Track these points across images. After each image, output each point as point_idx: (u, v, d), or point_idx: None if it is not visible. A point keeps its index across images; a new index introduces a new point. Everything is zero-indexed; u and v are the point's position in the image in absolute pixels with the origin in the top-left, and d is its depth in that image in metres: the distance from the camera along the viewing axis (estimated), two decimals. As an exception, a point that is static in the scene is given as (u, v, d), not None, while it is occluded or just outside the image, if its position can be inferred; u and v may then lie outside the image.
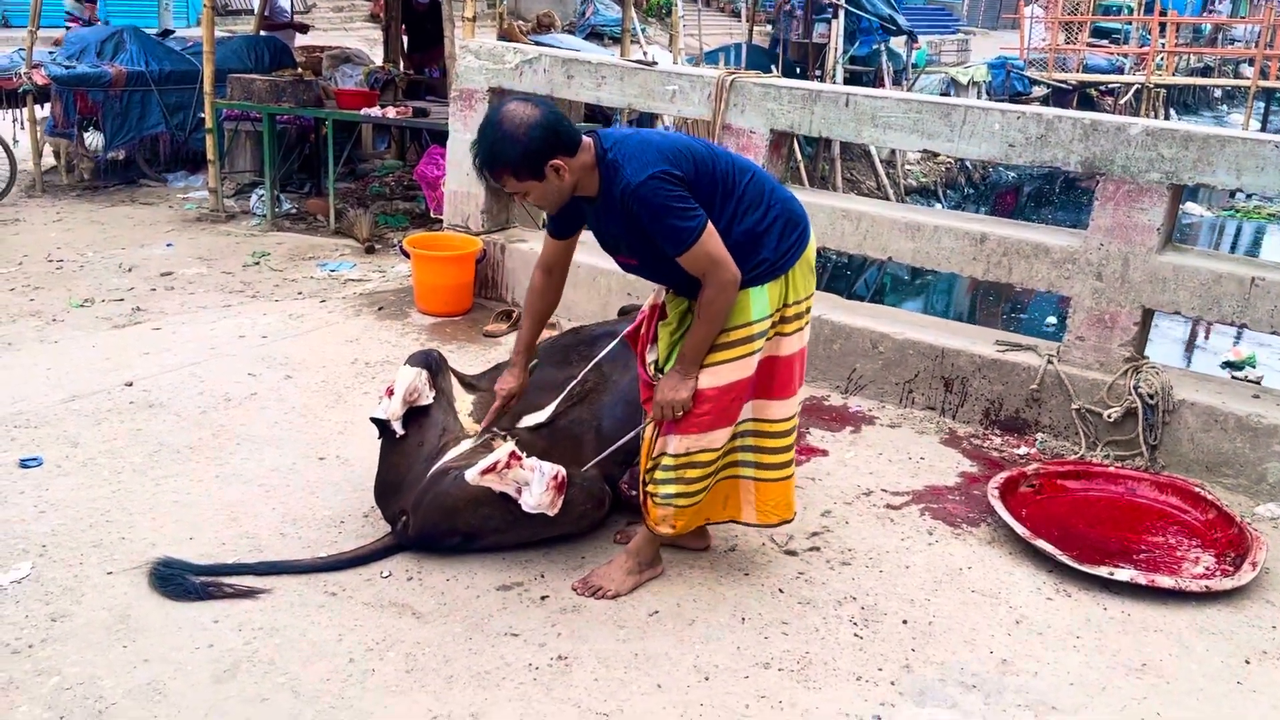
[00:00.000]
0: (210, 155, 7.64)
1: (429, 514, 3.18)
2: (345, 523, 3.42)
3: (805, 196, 4.99)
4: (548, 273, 3.19)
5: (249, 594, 2.98)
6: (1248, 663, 2.97)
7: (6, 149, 7.84)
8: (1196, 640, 3.05)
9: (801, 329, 3.01)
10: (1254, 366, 7.85)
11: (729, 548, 3.41)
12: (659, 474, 3.00)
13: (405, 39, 9.69)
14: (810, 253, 2.99)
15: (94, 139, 8.19)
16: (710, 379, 2.91)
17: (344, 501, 3.55)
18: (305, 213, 7.98)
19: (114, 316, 5.43)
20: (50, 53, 8.67)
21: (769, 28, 16.68)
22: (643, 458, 3.10)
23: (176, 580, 2.98)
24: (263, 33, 9.49)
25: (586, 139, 2.79)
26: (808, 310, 3.02)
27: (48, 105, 8.31)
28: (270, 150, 7.56)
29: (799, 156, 11.99)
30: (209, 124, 7.57)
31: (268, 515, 3.43)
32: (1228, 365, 7.82)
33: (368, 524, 3.40)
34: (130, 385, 4.38)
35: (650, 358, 3.11)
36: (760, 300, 2.88)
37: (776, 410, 3.04)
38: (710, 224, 2.74)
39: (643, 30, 12.89)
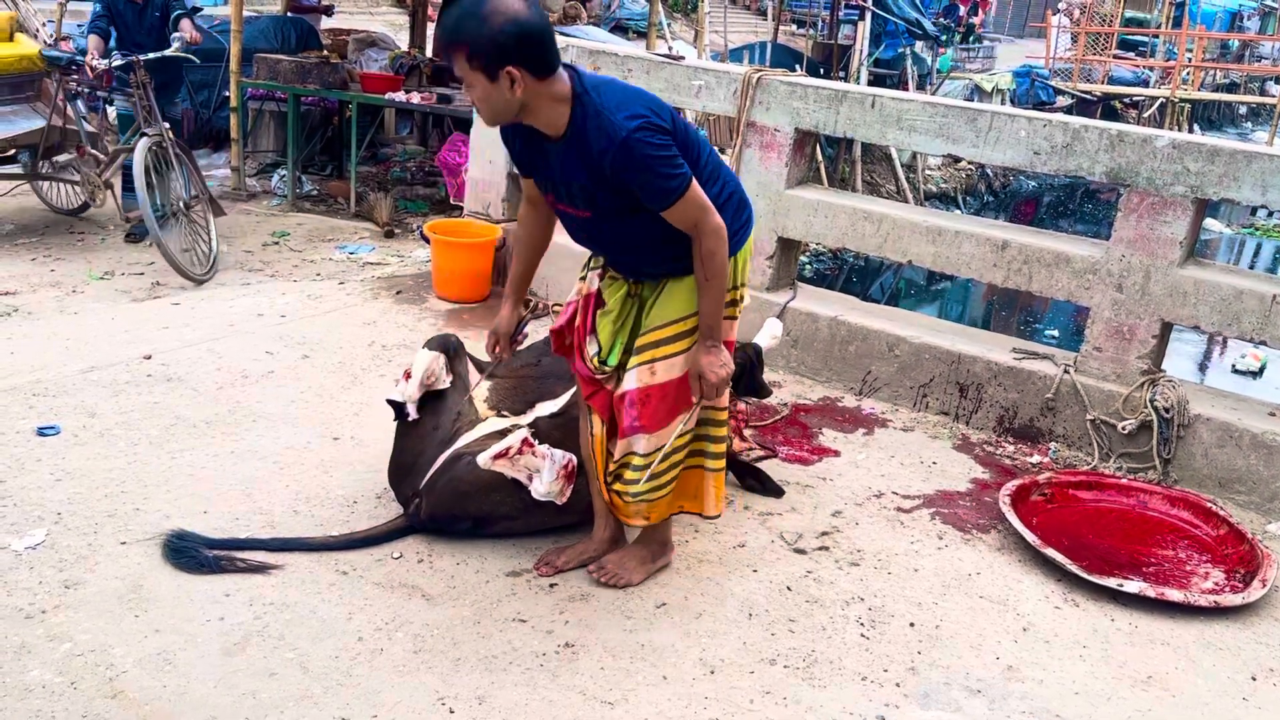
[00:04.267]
0: (234, 134, 7.67)
1: (441, 498, 3.19)
2: (358, 503, 3.44)
3: (827, 196, 4.99)
4: (533, 206, 3.03)
5: (261, 569, 3.00)
6: (1254, 679, 2.96)
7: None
8: (1203, 655, 3.05)
9: (737, 316, 2.92)
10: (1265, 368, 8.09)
11: (738, 544, 3.42)
12: (629, 474, 2.91)
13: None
14: (751, 240, 2.94)
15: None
16: (666, 372, 2.82)
17: (357, 482, 3.56)
18: (326, 195, 8.01)
19: (133, 290, 5.46)
20: (79, 25, 8.70)
21: (794, 27, 16.63)
22: (598, 459, 3.02)
23: (189, 553, 3.00)
24: (290, 14, 9.52)
25: (564, 73, 2.56)
26: (744, 297, 2.95)
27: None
28: (294, 131, 7.58)
29: (820, 157, 11.98)
30: (234, 103, 7.61)
31: (282, 492, 3.46)
32: (1238, 371, 8.03)
33: (380, 505, 3.42)
34: (149, 358, 4.40)
35: (591, 350, 2.96)
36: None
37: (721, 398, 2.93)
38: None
39: (668, 25, 12.87)
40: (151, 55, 5.89)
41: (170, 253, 5.57)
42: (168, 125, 5.91)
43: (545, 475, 3.12)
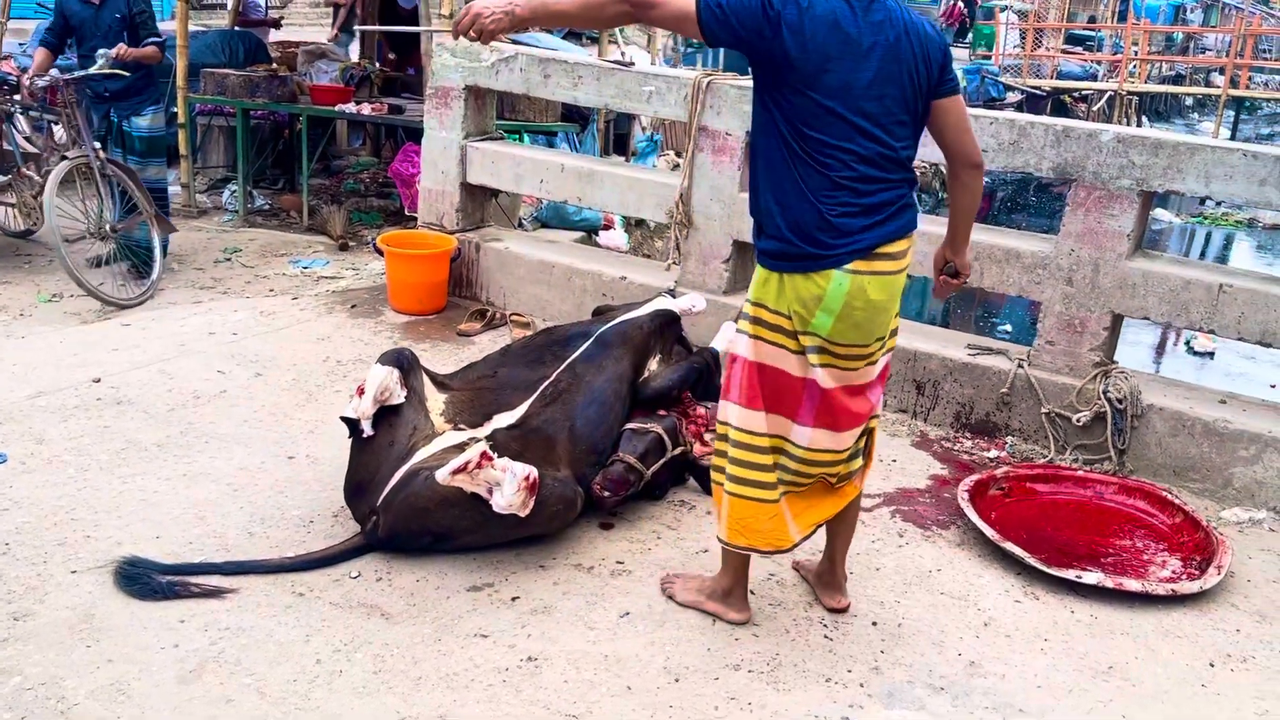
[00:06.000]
0: (183, 150, 7.56)
1: (399, 514, 3.16)
2: (314, 522, 3.39)
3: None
4: None
5: (216, 594, 2.95)
6: (1212, 665, 3.00)
7: None
8: (1162, 643, 3.08)
9: (760, 336, 2.75)
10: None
11: (700, 549, 3.41)
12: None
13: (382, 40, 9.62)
14: (810, 288, 2.66)
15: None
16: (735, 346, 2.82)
17: (313, 501, 3.52)
18: (278, 209, 7.92)
19: (82, 312, 5.36)
20: (21, 45, 8.56)
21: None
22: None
23: (142, 579, 2.95)
24: (237, 28, 9.42)
25: None
26: (766, 321, 2.74)
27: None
28: (244, 146, 7.49)
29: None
30: (182, 118, 7.50)
31: (236, 514, 3.40)
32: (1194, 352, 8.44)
33: (337, 524, 3.38)
34: (98, 382, 4.32)
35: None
36: (754, 282, 2.75)
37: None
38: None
39: (621, 31, 12.87)
40: (77, 74, 5.65)
41: (83, 279, 5.30)
42: (98, 145, 5.67)
43: (506, 488, 3.09)
